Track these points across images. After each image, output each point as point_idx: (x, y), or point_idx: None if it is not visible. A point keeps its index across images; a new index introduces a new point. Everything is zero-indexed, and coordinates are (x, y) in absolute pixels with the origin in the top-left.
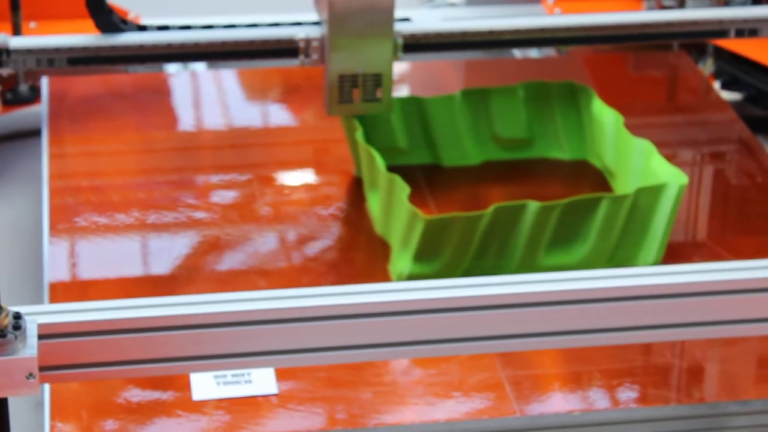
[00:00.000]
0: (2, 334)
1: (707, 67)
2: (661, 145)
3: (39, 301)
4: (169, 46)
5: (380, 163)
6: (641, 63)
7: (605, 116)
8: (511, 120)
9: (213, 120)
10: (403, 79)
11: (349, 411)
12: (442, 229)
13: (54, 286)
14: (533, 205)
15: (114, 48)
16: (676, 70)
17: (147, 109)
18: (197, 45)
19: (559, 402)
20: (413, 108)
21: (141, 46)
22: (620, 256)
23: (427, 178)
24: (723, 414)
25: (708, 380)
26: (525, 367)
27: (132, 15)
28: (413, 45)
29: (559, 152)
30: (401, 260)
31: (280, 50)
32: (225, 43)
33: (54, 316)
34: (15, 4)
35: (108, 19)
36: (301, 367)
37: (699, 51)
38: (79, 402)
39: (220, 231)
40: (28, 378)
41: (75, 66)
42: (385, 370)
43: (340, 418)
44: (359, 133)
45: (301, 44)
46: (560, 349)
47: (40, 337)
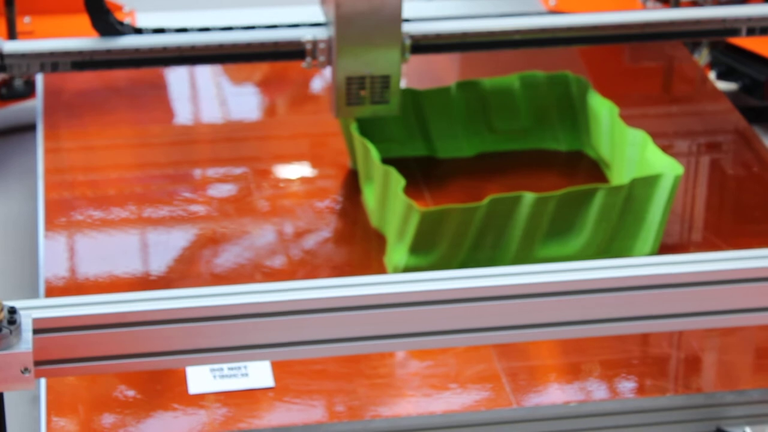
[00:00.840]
0: None
1: (703, 57)
2: (657, 136)
3: (35, 297)
4: (167, 49)
5: (375, 155)
6: (637, 53)
7: (600, 107)
8: (507, 111)
9: (208, 113)
10: None
11: (346, 404)
12: (437, 221)
13: (50, 281)
14: (529, 197)
15: (110, 52)
16: (671, 60)
17: (142, 103)
18: (198, 48)
19: (555, 393)
20: (409, 100)
21: (151, 50)
22: (616, 246)
23: (422, 170)
24: (720, 404)
25: (705, 370)
26: (521, 358)
27: (127, 9)
28: (421, 46)
29: (555, 143)
30: (397, 252)
31: (286, 52)
32: (231, 46)
33: (49, 311)
34: None
35: (106, 21)
36: (297, 360)
37: (695, 41)
38: (75, 396)
39: (216, 224)
40: (23, 372)
41: (73, 71)
42: (381, 363)
43: (336, 410)
44: (354, 126)
45: (308, 46)
46: (557, 341)
47: (35, 331)
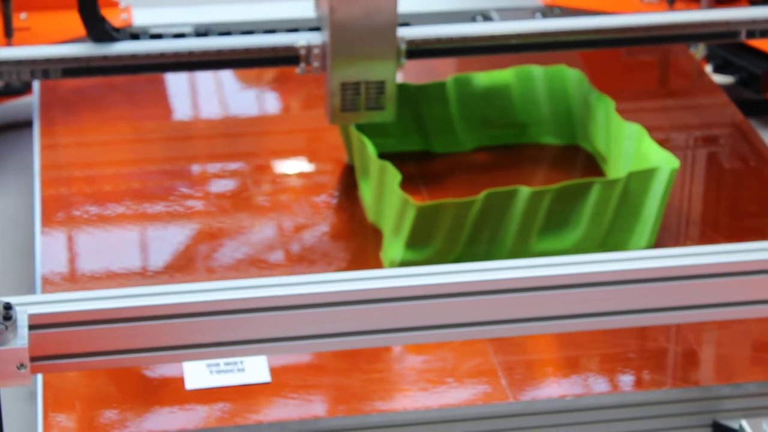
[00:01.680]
0: None
1: (699, 50)
2: (653, 129)
3: (31, 293)
4: (163, 55)
5: (372, 150)
6: (633, 47)
7: (597, 101)
8: (503, 106)
9: (205, 109)
10: None
11: (343, 398)
12: (433, 215)
13: (46, 277)
14: (525, 191)
15: (106, 58)
16: (667, 53)
17: (139, 99)
18: (194, 54)
19: (552, 387)
20: (404, 95)
21: (147, 55)
22: (612, 240)
23: (418, 164)
24: (716, 397)
25: (701, 363)
26: (518, 352)
27: (123, 4)
28: (416, 51)
29: (551, 137)
30: (393, 247)
31: (280, 58)
32: (228, 51)
33: (45, 306)
34: None
35: (101, 28)
36: (294, 355)
37: None
38: (72, 392)
39: (212, 220)
40: (19, 368)
41: (69, 77)
42: (378, 357)
43: (333, 405)
44: None
45: (302, 51)
46: (553, 334)
47: (31, 327)
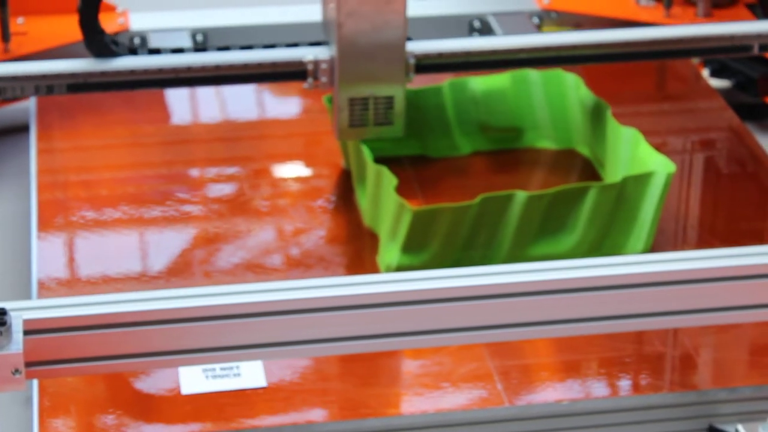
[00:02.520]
0: None
1: None
2: (650, 134)
3: (27, 298)
4: (162, 70)
5: (368, 154)
6: None
7: (593, 105)
8: (499, 110)
9: (202, 113)
10: None
11: (339, 403)
12: (429, 220)
13: (42, 282)
14: (521, 195)
15: (105, 74)
16: None
17: (136, 103)
18: (196, 69)
19: (548, 391)
20: None
21: (146, 71)
22: (609, 244)
23: (415, 169)
24: (712, 401)
25: (698, 368)
26: (514, 357)
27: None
28: (425, 66)
29: (547, 142)
30: (389, 252)
31: (287, 73)
32: (235, 66)
33: (40, 312)
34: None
35: (100, 42)
36: (289, 360)
37: None
38: (68, 398)
39: (209, 224)
40: (14, 374)
41: (71, 93)
42: (374, 362)
43: (329, 410)
44: None
45: (310, 66)
46: (549, 339)
47: (26, 332)
